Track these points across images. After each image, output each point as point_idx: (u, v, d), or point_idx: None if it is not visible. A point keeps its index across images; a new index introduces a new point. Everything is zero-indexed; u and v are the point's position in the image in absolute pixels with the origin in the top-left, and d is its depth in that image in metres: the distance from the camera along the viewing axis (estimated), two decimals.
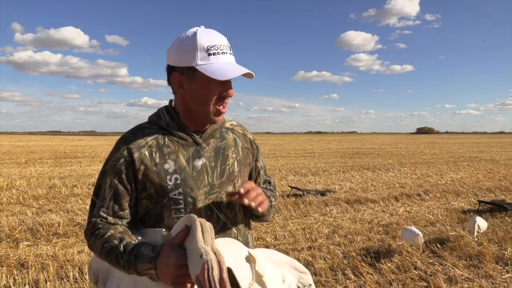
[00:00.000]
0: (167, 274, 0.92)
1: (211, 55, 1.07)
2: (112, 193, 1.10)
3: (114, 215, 1.10)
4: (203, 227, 0.91)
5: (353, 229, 5.23)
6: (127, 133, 1.15)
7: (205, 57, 1.06)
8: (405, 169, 12.62)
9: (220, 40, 1.09)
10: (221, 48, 1.08)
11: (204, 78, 1.07)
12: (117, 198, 1.10)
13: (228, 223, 1.16)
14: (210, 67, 1.06)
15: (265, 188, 1.35)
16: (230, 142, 1.22)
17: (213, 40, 1.08)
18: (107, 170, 1.11)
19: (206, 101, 1.11)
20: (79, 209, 6.35)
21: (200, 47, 1.06)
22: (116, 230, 1.07)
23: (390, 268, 3.74)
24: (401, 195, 7.73)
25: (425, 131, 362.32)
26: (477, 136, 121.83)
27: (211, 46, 1.07)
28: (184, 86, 1.11)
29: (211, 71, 1.05)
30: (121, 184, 1.10)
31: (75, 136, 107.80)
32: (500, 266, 3.83)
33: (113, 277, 1.15)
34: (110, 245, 1.03)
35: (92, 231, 1.10)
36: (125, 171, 1.09)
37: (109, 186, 1.10)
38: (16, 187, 8.52)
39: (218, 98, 1.11)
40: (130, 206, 1.12)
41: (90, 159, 17.42)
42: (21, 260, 3.98)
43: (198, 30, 1.09)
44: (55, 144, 35.89)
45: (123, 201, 1.10)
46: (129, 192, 1.11)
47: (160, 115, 1.18)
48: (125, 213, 1.11)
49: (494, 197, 7.68)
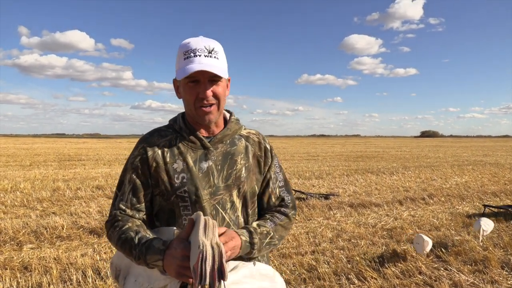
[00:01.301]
0: (172, 265, 1.01)
1: (186, 59, 1.16)
2: (130, 187, 1.21)
3: (132, 208, 1.21)
4: (206, 223, 0.98)
5: (357, 233, 5.20)
6: (146, 134, 1.29)
7: (181, 61, 1.17)
8: (409, 172, 12.57)
9: (198, 44, 1.17)
10: (194, 51, 1.15)
11: (182, 81, 1.19)
12: (135, 192, 1.21)
13: (232, 224, 1.22)
14: (181, 69, 1.16)
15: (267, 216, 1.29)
16: (240, 149, 1.28)
17: (191, 45, 1.17)
18: (127, 166, 1.24)
19: (188, 102, 1.21)
20: (83, 212, 6.36)
21: (180, 54, 1.18)
22: (133, 223, 1.16)
23: (394, 273, 3.71)
24: (406, 199, 7.69)
25: (430, 134, 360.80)
26: (481, 139, 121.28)
27: (186, 51, 1.17)
28: (179, 90, 1.24)
29: (178, 73, 1.17)
30: (139, 179, 1.21)
31: (80, 138, 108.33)
32: (505, 271, 3.78)
33: (133, 273, 1.23)
34: (126, 236, 1.12)
35: (112, 222, 1.20)
36: (141, 167, 1.22)
37: (128, 181, 1.22)
38: (20, 189, 8.55)
39: (198, 99, 1.18)
40: (147, 200, 1.23)
41: (94, 161, 17.48)
42: (24, 263, 3.98)
43: (188, 39, 1.19)
44: (60, 146, 36.06)
45: (140, 194, 1.22)
46: (145, 187, 1.22)
47: (176, 119, 1.30)
48: (142, 206, 1.22)
49: (499, 201, 7.62)
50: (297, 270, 3.83)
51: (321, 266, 3.88)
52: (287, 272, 3.76)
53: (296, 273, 3.76)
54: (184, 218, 1.18)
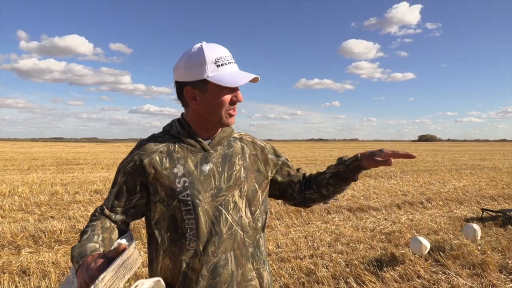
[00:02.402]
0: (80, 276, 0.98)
1: (219, 66, 1.17)
2: (116, 190, 1.23)
3: (111, 209, 1.22)
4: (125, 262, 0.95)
5: (355, 237, 5.21)
6: (142, 140, 1.27)
7: (214, 68, 1.16)
8: (408, 176, 12.59)
9: (224, 52, 1.20)
10: (226, 59, 1.19)
11: (216, 88, 1.18)
12: (118, 195, 1.23)
13: (234, 224, 1.22)
14: (220, 77, 1.16)
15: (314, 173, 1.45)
16: (237, 150, 1.30)
17: (219, 52, 1.19)
18: (119, 169, 1.24)
19: (219, 108, 1.20)
20: (81, 216, 6.35)
21: (209, 60, 1.16)
22: (103, 223, 1.18)
23: (393, 277, 3.72)
24: (404, 203, 7.70)
25: (427, 138, 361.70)
26: (479, 143, 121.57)
27: (218, 58, 1.17)
28: (197, 98, 1.21)
29: (222, 81, 1.16)
30: (125, 184, 1.21)
31: (77, 143, 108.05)
32: (503, 275, 3.80)
33: None
34: (84, 230, 1.16)
35: (92, 215, 1.24)
36: (132, 174, 1.21)
37: (117, 184, 1.23)
38: (18, 193, 8.53)
39: (230, 104, 1.21)
40: (130, 206, 1.23)
41: (92, 165, 17.45)
42: (23, 267, 3.97)
43: (203, 45, 1.19)
44: (58, 150, 35.98)
45: (123, 199, 1.22)
46: (131, 193, 1.22)
47: (172, 125, 1.29)
48: (121, 210, 1.23)
49: (497, 205, 7.65)
50: (296, 274, 3.84)
51: (320, 270, 3.89)
52: (286, 276, 3.76)
53: (294, 277, 3.76)
54: (186, 223, 1.17)
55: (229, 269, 1.18)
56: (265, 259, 1.31)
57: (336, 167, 1.35)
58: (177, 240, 1.18)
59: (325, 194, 1.38)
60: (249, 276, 1.23)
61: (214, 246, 1.17)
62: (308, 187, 1.42)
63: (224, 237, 1.18)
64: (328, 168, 1.39)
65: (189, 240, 1.17)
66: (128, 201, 1.22)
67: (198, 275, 1.16)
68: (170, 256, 1.19)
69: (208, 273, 1.16)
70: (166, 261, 1.20)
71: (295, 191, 1.42)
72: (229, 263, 1.19)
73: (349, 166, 1.31)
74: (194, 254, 1.17)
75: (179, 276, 1.17)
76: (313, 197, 1.41)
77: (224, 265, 1.18)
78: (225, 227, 1.19)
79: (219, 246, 1.18)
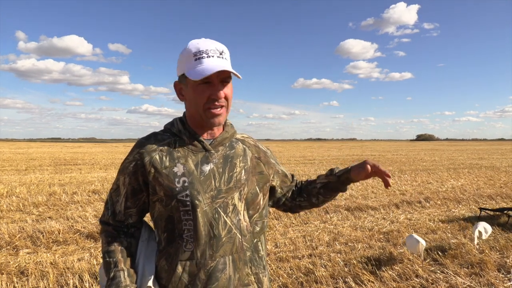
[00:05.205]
0: None
1: (197, 59, 1.14)
2: (124, 192, 1.22)
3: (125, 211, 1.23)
4: None
5: (353, 236, 5.21)
6: (141, 139, 1.25)
7: (191, 62, 1.14)
8: (406, 176, 12.61)
9: (208, 45, 1.16)
10: (207, 52, 1.15)
11: (192, 82, 1.16)
12: (127, 197, 1.22)
13: (233, 228, 1.19)
14: (194, 70, 1.13)
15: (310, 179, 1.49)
16: (239, 152, 1.28)
17: (201, 46, 1.16)
18: (121, 171, 1.23)
19: (197, 104, 1.17)
20: (79, 216, 6.34)
21: (189, 55, 1.15)
22: (121, 244, 1.21)
23: (391, 276, 3.72)
24: (402, 202, 7.72)
25: (425, 138, 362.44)
26: (477, 143, 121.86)
27: (197, 52, 1.14)
28: (183, 92, 1.22)
29: (192, 74, 1.13)
30: (130, 184, 1.20)
31: (75, 143, 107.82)
32: (502, 274, 3.81)
33: None
34: (106, 261, 1.18)
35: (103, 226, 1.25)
36: (134, 173, 1.19)
37: (122, 185, 1.22)
38: (16, 194, 8.50)
39: (209, 101, 1.16)
40: (139, 204, 1.23)
41: (90, 166, 17.41)
42: (21, 268, 3.96)
43: (192, 40, 1.19)
44: (55, 151, 35.88)
45: (133, 200, 1.22)
46: (138, 192, 1.21)
47: (173, 123, 1.27)
48: (133, 211, 1.23)
49: (495, 204, 7.66)
50: (294, 273, 3.84)
51: (318, 270, 3.89)
52: (284, 275, 3.76)
53: (293, 276, 3.76)
54: (184, 224, 1.15)
55: (227, 274, 1.16)
56: (266, 264, 1.30)
57: (327, 177, 1.39)
58: (173, 241, 1.17)
59: (315, 203, 1.43)
60: (246, 281, 1.21)
61: (212, 249, 1.15)
62: (298, 194, 1.46)
63: (223, 241, 1.16)
64: (319, 177, 1.42)
65: (186, 241, 1.15)
66: (138, 200, 1.22)
67: (195, 278, 1.14)
68: (166, 257, 1.18)
69: (206, 277, 1.14)
70: (162, 262, 1.19)
71: (287, 199, 1.46)
72: (227, 267, 1.17)
73: (340, 177, 1.36)
74: (190, 256, 1.15)
75: (173, 278, 1.16)
76: (303, 204, 1.46)
77: (222, 270, 1.16)
78: (224, 230, 1.17)
79: (217, 250, 1.16)
